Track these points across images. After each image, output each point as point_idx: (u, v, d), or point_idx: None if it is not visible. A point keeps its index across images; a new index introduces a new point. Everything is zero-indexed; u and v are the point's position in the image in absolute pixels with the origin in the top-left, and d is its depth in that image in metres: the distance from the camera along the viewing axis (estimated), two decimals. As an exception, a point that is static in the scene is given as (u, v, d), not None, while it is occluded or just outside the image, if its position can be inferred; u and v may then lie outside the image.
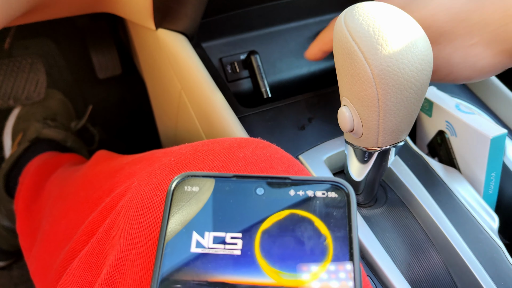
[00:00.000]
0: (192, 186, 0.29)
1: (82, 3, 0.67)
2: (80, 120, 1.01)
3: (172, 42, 0.61)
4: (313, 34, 0.74)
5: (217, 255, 0.26)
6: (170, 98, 0.71)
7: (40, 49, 1.11)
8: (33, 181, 0.77)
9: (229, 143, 0.37)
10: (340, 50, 0.37)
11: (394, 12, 0.36)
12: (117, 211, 0.37)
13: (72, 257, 0.43)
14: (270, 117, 0.55)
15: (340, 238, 0.27)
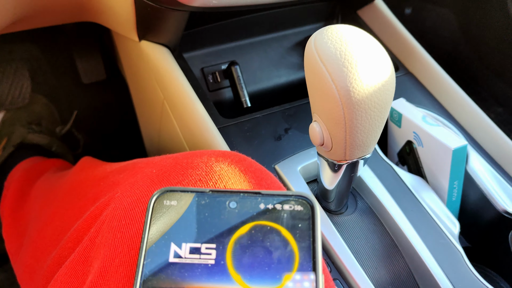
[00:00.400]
0: (171, 200, 0.31)
1: (68, 14, 0.69)
2: (65, 125, 1.02)
3: (154, 54, 0.63)
4: (292, 44, 0.77)
5: (193, 264, 0.29)
6: (153, 107, 0.73)
7: (25, 53, 1.12)
8: (18, 187, 0.78)
9: (207, 156, 0.40)
10: (310, 71, 0.40)
11: (360, 36, 0.39)
12: (101, 220, 0.39)
13: (59, 263, 0.45)
14: (248, 128, 0.58)
15: (305, 248, 0.29)
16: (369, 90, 0.37)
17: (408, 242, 0.49)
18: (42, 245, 0.54)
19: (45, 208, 0.62)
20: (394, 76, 0.39)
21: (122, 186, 0.42)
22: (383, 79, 0.38)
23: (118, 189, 0.42)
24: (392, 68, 0.39)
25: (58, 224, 0.53)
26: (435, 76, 0.68)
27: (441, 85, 0.68)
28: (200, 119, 0.57)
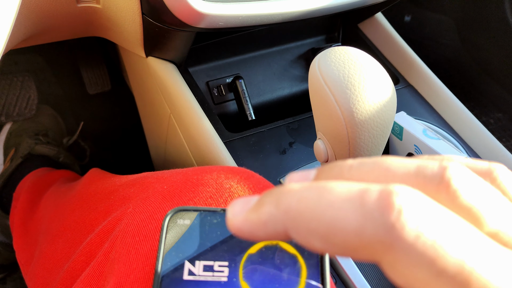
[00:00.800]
0: (184, 219, 0.33)
1: (77, 30, 0.71)
2: (72, 136, 1.04)
3: (161, 70, 0.65)
4: (295, 57, 0.79)
5: (206, 281, 0.30)
6: (159, 120, 0.75)
7: (30, 65, 1.13)
8: (28, 198, 0.80)
9: (216, 173, 0.42)
10: (314, 92, 0.41)
11: (362, 58, 0.41)
12: (114, 235, 0.41)
13: (72, 276, 0.46)
14: (254, 142, 0.60)
15: (313, 266, 0.31)
16: (372, 110, 0.39)
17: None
18: (54, 257, 0.55)
19: (56, 219, 0.63)
20: (395, 96, 0.41)
21: (133, 201, 0.43)
22: (385, 99, 0.40)
23: (130, 204, 0.43)
24: (393, 89, 0.41)
25: (69, 237, 0.54)
26: (434, 88, 0.70)
27: (440, 97, 0.69)
28: (207, 134, 0.59)
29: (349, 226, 0.16)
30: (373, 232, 0.16)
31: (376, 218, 0.16)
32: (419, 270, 0.16)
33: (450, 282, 0.15)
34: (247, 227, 0.19)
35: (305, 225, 0.17)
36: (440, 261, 0.15)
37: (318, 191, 0.17)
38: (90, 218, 0.52)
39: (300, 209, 0.17)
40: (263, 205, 0.19)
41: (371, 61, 0.41)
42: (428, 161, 0.19)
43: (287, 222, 0.18)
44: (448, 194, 0.17)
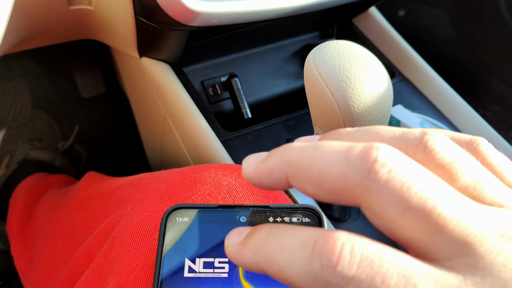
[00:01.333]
0: (182, 217, 0.33)
1: (69, 33, 0.71)
2: (67, 140, 1.03)
3: (155, 70, 0.64)
4: (289, 54, 0.78)
5: (207, 278, 0.30)
6: (155, 121, 0.74)
7: (24, 70, 1.13)
8: (24, 204, 0.79)
9: (214, 170, 0.41)
10: (310, 86, 0.41)
11: (357, 51, 0.40)
12: (113, 236, 0.40)
13: (72, 279, 0.46)
14: (251, 139, 0.59)
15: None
16: (368, 103, 0.39)
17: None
18: (53, 261, 0.55)
19: (53, 224, 0.63)
20: (391, 88, 0.41)
21: (131, 202, 0.43)
22: (381, 92, 0.39)
23: (128, 205, 0.43)
24: (389, 81, 0.41)
25: (67, 240, 0.54)
26: (430, 81, 0.70)
27: (437, 90, 0.69)
28: (203, 133, 0.59)
29: (335, 172, 0.20)
30: (353, 177, 0.19)
31: (356, 165, 0.19)
32: (389, 209, 0.18)
33: (413, 219, 0.18)
34: (257, 175, 0.23)
35: (301, 172, 0.21)
36: (405, 200, 0.18)
37: (315, 146, 0.21)
38: (88, 221, 0.52)
39: (298, 160, 0.21)
40: (270, 157, 0.22)
41: (366, 54, 0.41)
42: (413, 129, 0.22)
43: (288, 170, 0.21)
44: (424, 153, 0.20)
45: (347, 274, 0.17)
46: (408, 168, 0.19)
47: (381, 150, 0.19)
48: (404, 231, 0.19)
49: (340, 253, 0.18)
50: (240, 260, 0.22)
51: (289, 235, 0.20)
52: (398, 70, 0.74)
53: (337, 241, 0.18)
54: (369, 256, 0.18)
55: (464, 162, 0.20)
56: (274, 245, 0.20)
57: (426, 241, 0.18)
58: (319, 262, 0.18)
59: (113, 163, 1.16)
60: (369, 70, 0.39)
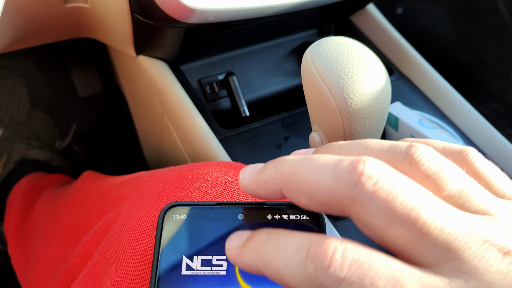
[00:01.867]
0: (180, 214, 0.32)
1: (66, 32, 0.70)
2: (64, 140, 1.03)
3: (152, 68, 0.64)
4: (287, 51, 0.78)
5: (205, 276, 0.30)
6: (152, 120, 0.74)
7: (21, 69, 1.12)
8: (22, 203, 0.79)
9: (211, 168, 0.41)
10: (307, 83, 0.41)
11: (354, 47, 0.40)
12: (110, 235, 0.40)
13: (69, 279, 0.46)
14: (248, 137, 0.59)
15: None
16: (366, 100, 0.38)
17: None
18: (50, 261, 0.55)
19: (50, 224, 0.63)
20: (389, 84, 0.41)
21: (128, 200, 0.43)
22: (379, 88, 0.39)
23: (125, 203, 0.43)
24: (388, 78, 0.41)
25: (65, 239, 0.54)
26: (429, 78, 0.70)
27: (435, 87, 0.69)
28: (201, 131, 0.58)
29: (325, 185, 0.21)
30: (342, 189, 0.20)
31: (344, 178, 0.20)
32: (376, 219, 0.20)
33: (399, 228, 0.19)
34: (252, 186, 0.24)
35: (294, 185, 0.22)
36: (391, 210, 0.19)
37: (307, 160, 0.22)
38: (85, 220, 0.52)
39: (291, 173, 0.22)
40: (265, 170, 0.24)
41: (364, 50, 0.40)
42: (401, 142, 0.23)
43: (281, 182, 0.23)
44: (410, 165, 0.21)
45: (339, 276, 0.18)
46: (394, 180, 0.20)
47: (368, 163, 0.20)
48: (391, 239, 0.20)
49: (332, 256, 0.19)
50: (240, 262, 0.23)
51: (285, 239, 0.21)
52: (397, 67, 0.74)
53: (330, 245, 0.19)
54: (359, 259, 0.19)
55: (450, 172, 0.21)
56: (272, 249, 0.21)
57: (413, 248, 0.19)
58: (312, 265, 0.19)
59: (111, 162, 1.15)
60: (367, 67, 0.39)
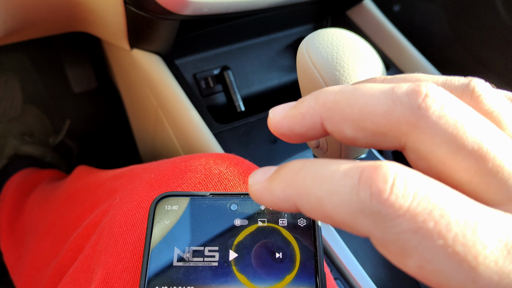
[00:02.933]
0: (171, 205, 0.32)
1: (59, 25, 0.70)
2: (58, 135, 1.02)
3: (146, 62, 0.63)
4: (283, 47, 0.78)
5: (196, 267, 0.29)
6: (147, 114, 0.73)
7: (14, 64, 1.11)
8: (14, 199, 0.78)
9: (205, 159, 0.40)
10: (303, 75, 0.40)
11: (350, 39, 0.40)
12: (101, 227, 0.40)
13: (60, 272, 0.45)
14: (243, 132, 0.59)
15: (306, 247, 0.30)
16: (362, 90, 0.38)
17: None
18: (42, 255, 0.54)
19: (43, 218, 0.62)
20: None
21: (120, 192, 0.42)
22: (375, 79, 0.39)
23: (117, 195, 0.42)
24: (384, 69, 0.40)
25: (56, 234, 0.53)
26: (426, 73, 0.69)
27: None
28: (195, 125, 0.58)
29: (379, 110, 0.18)
30: (400, 114, 0.18)
31: (404, 101, 0.18)
32: (439, 147, 0.17)
33: (467, 158, 0.17)
34: (287, 121, 0.21)
35: (340, 113, 0.19)
36: (460, 138, 0.17)
37: (354, 87, 0.19)
38: (77, 214, 0.51)
39: (336, 100, 0.19)
40: (303, 101, 0.21)
41: (360, 42, 0.40)
42: (455, 76, 0.21)
43: (324, 112, 0.20)
44: (472, 98, 0.19)
45: (402, 204, 0.16)
46: (461, 107, 0.18)
47: (431, 87, 0.18)
48: (454, 172, 0.17)
49: (394, 181, 0.16)
50: (268, 196, 0.20)
51: (328, 166, 0.18)
52: (393, 62, 0.74)
53: (389, 169, 0.16)
54: (427, 187, 0.16)
55: (511, 112, 0.19)
56: (311, 176, 0.18)
57: (479, 183, 0.17)
58: (367, 190, 0.16)
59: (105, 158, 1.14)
60: (362, 58, 0.39)
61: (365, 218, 0.16)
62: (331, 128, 0.20)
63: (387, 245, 0.16)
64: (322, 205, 0.17)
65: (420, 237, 0.16)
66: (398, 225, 0.16)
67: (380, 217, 0.16)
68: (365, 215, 0.16)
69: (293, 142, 0.22)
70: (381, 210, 0.16)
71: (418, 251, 0.16)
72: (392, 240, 0.16)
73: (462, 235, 0.15)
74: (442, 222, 0.15)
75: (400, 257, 0.16)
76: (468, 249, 0.15)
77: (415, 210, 0.16)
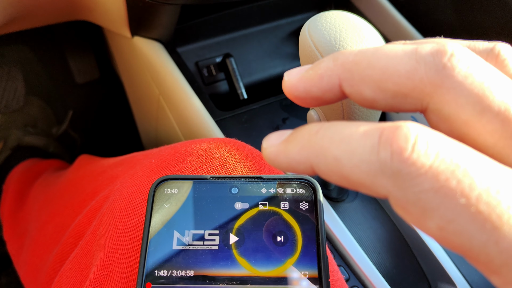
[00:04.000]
0: (171, 188, 0.31)
1: (59, 13, 0.69)
2: (61, 126, 1.02)
3: (148, 50, 0.63)
4: (286, 34, 0.77)
5: (196, 250, 0.29)
6: (149, 103, 0.73)
7: (17, 56, 1.11)
8: (17, 188, 0.78)
9: (206, 143, 0.40)
10: (305, 58, 0.39)
11: (353, 21, 0.39)
12: (102, 213, 0.39)
13: (61, 259, 0.45)
14: (246, 119, 0.58)
15: (309, 230, 0.29)
16: (366, 73, 0.37)
17: (411, 226, 0.49)
18: (44, 243, 0.54)
19: (45, 207, 0.62)
20: (390, 58, 0.39)
21: (121, 178, 0.42)
22: (379, 61, 0.38)
23: (117, 181, 0.42)
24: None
25: (58, 221, 0.53)
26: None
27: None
28: (197, 112, 0.57)
29: (402, 70, 0.17)
30: (424, 73, 0.17)
31: (428, 61, 0.17)
32: (464, 108, 0.17)
33: (492, 120, 0.16)
34: (303, 83, 0.20)
35: (359, 73, 0.18)
36: (486, 99, 0.16)
37: (375, 48, 0.19)
38: (79, 201, 0.51)
39: (356, 60, 0.19)
40: (321, 63, 0.20)
41: (363, 24, 0.39)
42: (478, 41, 0.20)
43: (342, 73, 0.19)
44: (497, 62, 0.19)
45: (424, 163, 0.15)
46: (487, 68, 0.17)
47: (456, 47, 0.17)
48: (478, 135, 0.17)
49: (416, 141, 0.16)
50: (284, 158, 0.19)
51: (346, 127, 0.18)
52: (397, 49, 0.73)
53: (410, 129, 0.16)
54: (449, 147, 0.16)
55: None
56: (329, 137, 0.18)
57: (504, 146, 0.16)
58: (388, 149, 0.16)
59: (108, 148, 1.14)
60: (366, 40, 0.38)
61: (385, 178, 0.16)
62: (349, 89, 0.19)
63: (407, 205, 0.16)
64: (340, 165, 0.17)
65: (442, 196, 0.15)
66: (419, 184, 0.15)
67: (400, 176, 0.15)
68: (385, 175, 0.16)
69: (308, 105, 0.21)
70: (402, 169, 0.15)
71: (440, 211, 0.15)
72: (412, 200, 0.15)
73: (486, 194, 0.15)
74: (465, 181, 0.15)
75: (420, 218, 0.16)
76: (492, 208, 0.15)
77: (437, 168, 0.15)
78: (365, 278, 0.45)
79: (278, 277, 0.28)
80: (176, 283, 0.28)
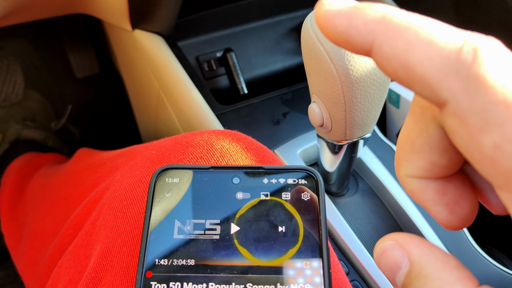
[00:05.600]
0: (172, 178, 0.31)
1: (58, 6, 0.69)
2: (60, 120, 1.02)
3: (148, 43, 0.63)
4: (287, 29, 0.77)
5: (197, 240, 0.28)
6: (148, 97, 0.73)
7: (16, 49, 1.11)
8: (15, 182, 0.78)
9: (207, 134, 0.40)
10: (307, 51, 0.39)
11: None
12: (101, 203, 0.39)
13: (60, 251, 0.45)
14: (246, 113, 0.58)
15: (310, 221, 0.29)
16: (368, 68, 0.37)
17: (410, 220, 0.49)
18: (42, 235, 0.53)
19: (43, 199, 0.62)
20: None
21: (121, 169, 0.42)
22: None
23: (118, 172, 0.41)
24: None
25: (57, 213, 0.53)
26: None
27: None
28: (197, 106, 0.57)
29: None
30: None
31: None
32: None
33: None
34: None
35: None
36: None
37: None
38: (78, 193, 0.50)
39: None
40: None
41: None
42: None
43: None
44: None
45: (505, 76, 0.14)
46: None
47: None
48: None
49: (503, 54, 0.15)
50: (343, 22, 0.16)
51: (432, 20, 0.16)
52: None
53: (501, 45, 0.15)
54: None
55: None
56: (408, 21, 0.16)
57: None
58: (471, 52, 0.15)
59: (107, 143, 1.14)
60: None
61: (457, 80, 0.15)
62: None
63: (468, 114, 0.15)
64: (410, 52, 0.15)
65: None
66: (492, 94, 0.14)
67: (476, 81, 0.14)
68: (458, 76, 0.15)
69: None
70: (481, 74, 0.14)
71: (503, 127, 0.14)
72: (477, 109, 0.14)
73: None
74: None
75: (478, 131, 0.14)
76: None
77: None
78: (364, 272, 0.45)
79: (279, 267, 0.27)
80: (177, 272, 0.27)
